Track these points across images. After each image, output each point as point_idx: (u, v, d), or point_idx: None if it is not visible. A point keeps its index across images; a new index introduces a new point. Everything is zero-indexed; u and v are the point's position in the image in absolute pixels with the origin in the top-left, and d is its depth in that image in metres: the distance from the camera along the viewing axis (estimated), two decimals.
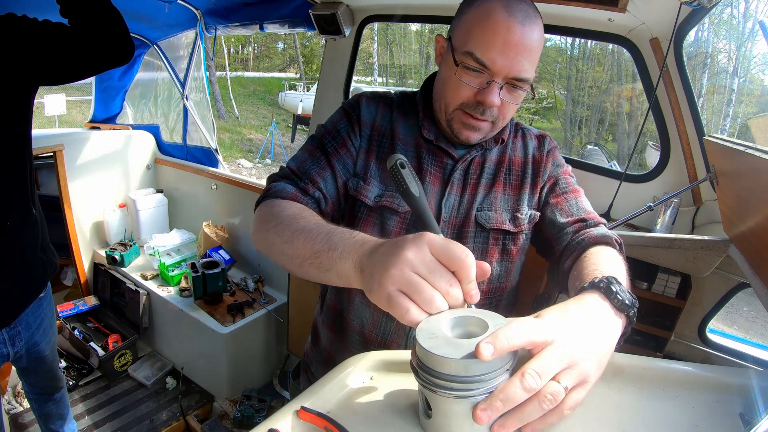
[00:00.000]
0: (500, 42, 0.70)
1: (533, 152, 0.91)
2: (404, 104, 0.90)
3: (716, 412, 0.51)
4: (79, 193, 2.51)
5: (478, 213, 0.84)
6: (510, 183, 0.88)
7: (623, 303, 0.54)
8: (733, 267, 1.23)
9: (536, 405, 0.42)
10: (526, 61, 0.72)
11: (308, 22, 1.96)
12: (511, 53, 0.71)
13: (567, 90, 19.96)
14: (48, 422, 1.64)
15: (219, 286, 2.17)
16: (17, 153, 1.16)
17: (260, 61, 24.58)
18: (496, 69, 0.72)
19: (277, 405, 2.08)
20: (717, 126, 11.23)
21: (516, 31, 0.70)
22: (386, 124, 0.88)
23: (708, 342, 1.37)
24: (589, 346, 0.47)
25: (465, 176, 0.86)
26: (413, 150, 0.86)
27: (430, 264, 0.47)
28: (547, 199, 0.88)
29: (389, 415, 0.51)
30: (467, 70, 0.74)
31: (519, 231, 0.86)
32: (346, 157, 0.85)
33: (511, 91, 0.76)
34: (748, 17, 11.59)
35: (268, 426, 0.48)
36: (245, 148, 11.80)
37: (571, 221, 0.83)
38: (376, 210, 0.84)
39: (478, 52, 0.71)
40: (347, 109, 0.89)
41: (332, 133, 0.86)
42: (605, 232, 0.78)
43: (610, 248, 0.73)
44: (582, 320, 0.50)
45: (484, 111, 0.76)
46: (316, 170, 0.82)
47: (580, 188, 0.89)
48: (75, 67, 1.15)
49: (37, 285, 1.30)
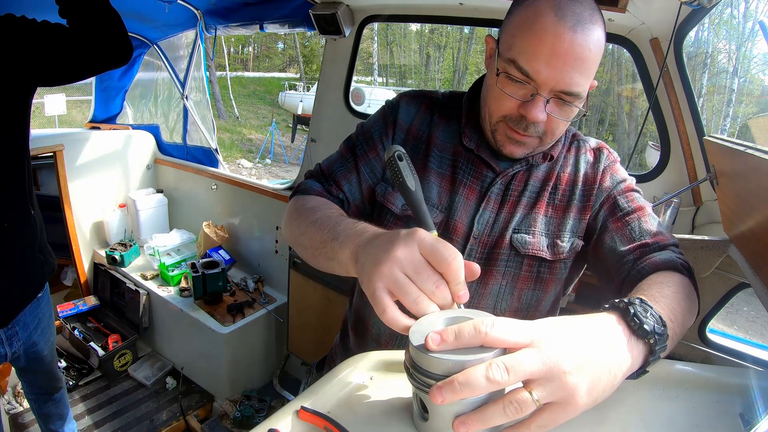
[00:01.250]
0: (547, 51, 0.62)
1: (586, 169, 0.80)
2: (449, 107, 0.84)
3: (716, 412, 0.50)
4: (79, 193, 2.51)
5: (515, 235, 0.76)
6: (554, 204, 0.78)
7: (641, 327, 0.46)
8: (733, 267, 1.23)
9: (500, 409, 0.39)
10: (577, 73, 0.63)
11: (308, 22, 1.95)
12: (559, 64, 0.62)
13: None
14: (48, 422, 1.64)
15: (219, 286, 2.17)
16: (16, 153, 1.16)
17: (260, 61, 24.59)
18: (540, 81, 0.63)
19: (277, 405, 2.08)
20: (717, 126, 11.23)
21: (566, 39, 0.61)
22: (425, 127, 0.82)
23: (708, 342, 1.37)
24: (582, 361, 0.41)
25: (505, 192, 0.78)
26: (450, 158, 0.80)
27: (418, 264, 0.46)
28: (606, 224, 0.75)
29: (389, 415, 0.51)
30: (510, 80, 0.66)
31: (557, 260, 0.77)
32: (375, 161, 0.82)
33: (560, 105, 0.67)
34: (748, 17, 11.59)
35: (268, 426, 0.48)
36: (245, 148, 11.80)
37: (632, 248, 0.70)
38: (402, 218, 0.80)
39: (522, 60, 0.64)
40: (386, 109, 0.85)
41: (365, 135, 0.84)
42: (670, 257, 0.67)
43: (673, 273, 0.63)
44: (582, 333, 0.44)
45: (528, 126, 0.68)
46: (342, 173, 0.82)
47: (646, 204, 0.76)
48: (74, 67, 1.15)
49: (35, 285, 1.30)
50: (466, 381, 0.38)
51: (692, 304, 0.61)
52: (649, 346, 0.48)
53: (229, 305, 2.16)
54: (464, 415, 0.40)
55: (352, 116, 2.04)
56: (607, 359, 0.44)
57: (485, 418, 0.40)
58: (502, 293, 0.79)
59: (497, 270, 0.77)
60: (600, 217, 0.77)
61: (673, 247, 0.70)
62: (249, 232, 2.50)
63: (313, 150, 2.17)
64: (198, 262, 2.18)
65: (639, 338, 0.47)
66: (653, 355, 0.48)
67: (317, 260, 0.64)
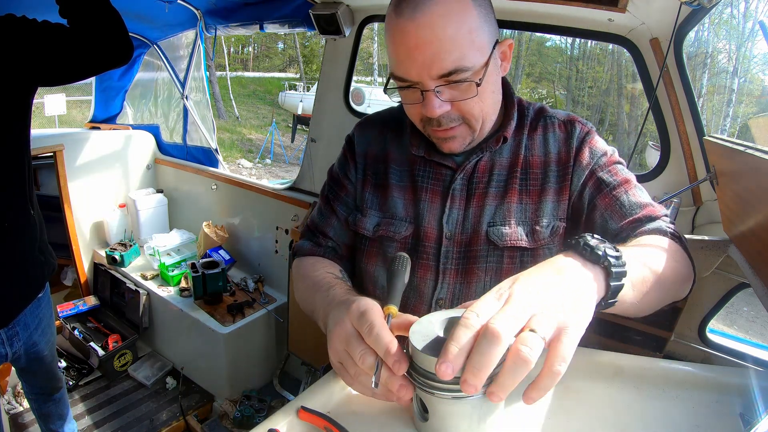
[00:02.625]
0: (403, 51, 0.62)
1: (558, 148, 0.76)
2: (400, 120, 0.84)
3: (716, 412, 0.51)
4: (79, 193, 2.51)
5: (491, 229, 0.74)
6: (527, 189, 0.76)
7: (593, 251, 0.48)
8: (733, 267, 1.23)
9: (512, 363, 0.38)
10: (442, 52, 0.60)
11: (308, 22, 1.95)
12: (418, 55, 0.61)
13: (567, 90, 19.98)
14: (48, 422, 1.63)
15: (219, 286, 2.17)
16: (16, 153, 1.16)
17: (260, 61, 24.60)
18: (416, 78, 0.63)
19: (277, 405, 2.08)
20: (717, 126, 11.24)
21: (410, 31, 0.61)
22: (380, 148, 0.84)
23: (708, 342, 1.37)
24: (554, 289, 0.43)
25: (468, 186, 0.76)
26: (407, 170, 0.81)
27: (350, 337, 0.50)
28: (594, 202, 0.73)
29: (389, 415, 0.51)
30: (402, 91, 0.68)
31: (538, 246, 0.74)
32: (346, 197, 0.86)
33: (454, 87, 0.64)
34: (748, 17, 11.60)
35: (268, 426, 0.48)
36: (245, 148, 11.80)
37: (624, 225, 0.69)
38: (376, 240, 0.81)
39: (395, 70, 0.66)
40: (345, 145, 0.89)
41: (333, 178, 0.89)
42: (658, 225, 0.67)
43: (658, 236, 0.64)
44: (545, 270, 0.46)
45: (440, 121, 0.68)
46: (324, 221, 0.88)
47: (630, 175, 0.74)
48: (74, 67, 1.15)
49: (35, 286, 1.29)
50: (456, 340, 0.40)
51: (672, 258, 0.61)
52: (605, 269, 0.49)
53: (229, 305, 2.16)
54: (492, 386, 0.40)
55: (352, 116, 2.04)
56: (576, 284, 0.45)
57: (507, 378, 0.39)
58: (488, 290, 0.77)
59: (478, 267, 0.76)
60: (586, 195, 0.74)
61: (664, 217, 0.70)
62: (249, 232, 2.50)
63: (313, 150, 2.17)
64: (198, 262, 2.18)
65: (594, 263, 0.48)
66: (612, 278, 0.48)
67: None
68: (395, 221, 0.79)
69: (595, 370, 0.57)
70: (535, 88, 21.96)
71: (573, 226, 0.76)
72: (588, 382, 0.56)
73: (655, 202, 0.72)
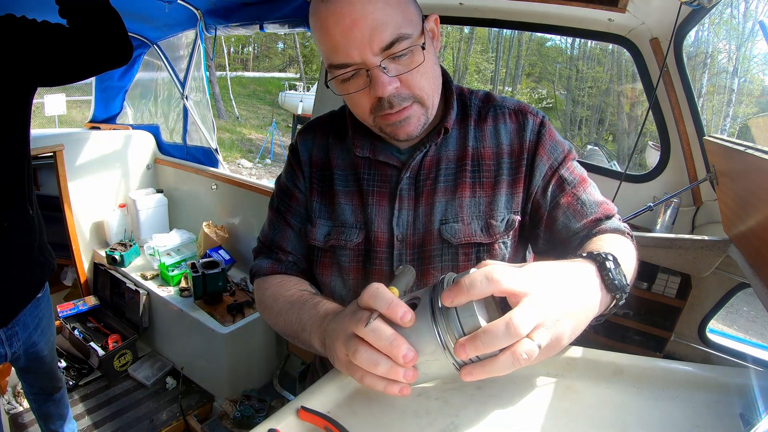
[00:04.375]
0: (339, 33, 0.60)
1: (510, 139, 0.74)
2: (341, 124, 0.80)
3: (716, 412, 0.51)
4: (79, 193, 2.51)
5: (443, 227, 0.72)
6: (480, 182, 0.73)
7: (613, 283, 0.52)
8: (733, 267, 1.23)
9: (509, 359, 0.43)
10: (380, 24, 0.59)
11: (308, 21, 1.95)
12: (355, 33, 0.59)
13: (567, 90, 19.98)
14: (48, 422, 1.64)
15: (219, 286, 2.17)
16: (16, 153, 1.16)
17: (260, 61, 24.61)
18: (358, 59, 0.61)
19: (277, 405, 2.07)
20: (717, 126, 11.25)
21: (342, 12, 0.59)
22: (323, 154, 0.80)
23: (708, 342, 1.37)
24: (569, 309, 0.47)
25: (416, 184, 0.73)
26: (352, 174, 0.77)
27: (356, 312, 0.50)
28: (556, 200, 0.72)
29: (389, 415, 0.51)
30: (343, 82, 0.65)
31: (494, 241, 0.73)
32: (298, 207, 0.82)
33: (399, 59, 0.62)
34: (748, 17, 11.60)
35: (268, 426, 0.48)
36: (245, 148, 11.80)
37: (586, 224, 0.71)
38: (328, 250, 0.78)
39: (332, 58, 0.63)
40: (289, 154, 0.85)
41: (281, 189, 0.84)
42: (618, 225, 0.71)
43: (619, 236, 0.68)
44: (566, 282, 0.49)
45: (392, 102, 0.64)
46: (279, 235, 0.83)
47: (584, 172, 0.75)
48: (74, 68, 1.15)
49: (35, 286, 1.29)
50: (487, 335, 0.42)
51: (635, 261, 0.66)
52: (614, 300, 0.53)
53: (229, 305, 2.16)
54: (470, 366, 0.44)
55: None
56: (585, 306, 0.49)
57: (495, 369, 0.43)
58: None
59: (433, 267, 0.74)
60: (549, 193, 0.72)
61: (616, 215, 0.74)
62: (249, 232, 2.50)
63: None
64: (198, 262, 2.18)
65: (608, 291, 0.52)
66: (613, 308, 0.54)
67: (297, 344, 0.70)
68: (345, 229, 0.76)
69: (595, 370, 0.57)
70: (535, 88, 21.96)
71: (531, 222, 0.75)
72: (588, 382, 0.56)
73: (606, 199, 0.75)
